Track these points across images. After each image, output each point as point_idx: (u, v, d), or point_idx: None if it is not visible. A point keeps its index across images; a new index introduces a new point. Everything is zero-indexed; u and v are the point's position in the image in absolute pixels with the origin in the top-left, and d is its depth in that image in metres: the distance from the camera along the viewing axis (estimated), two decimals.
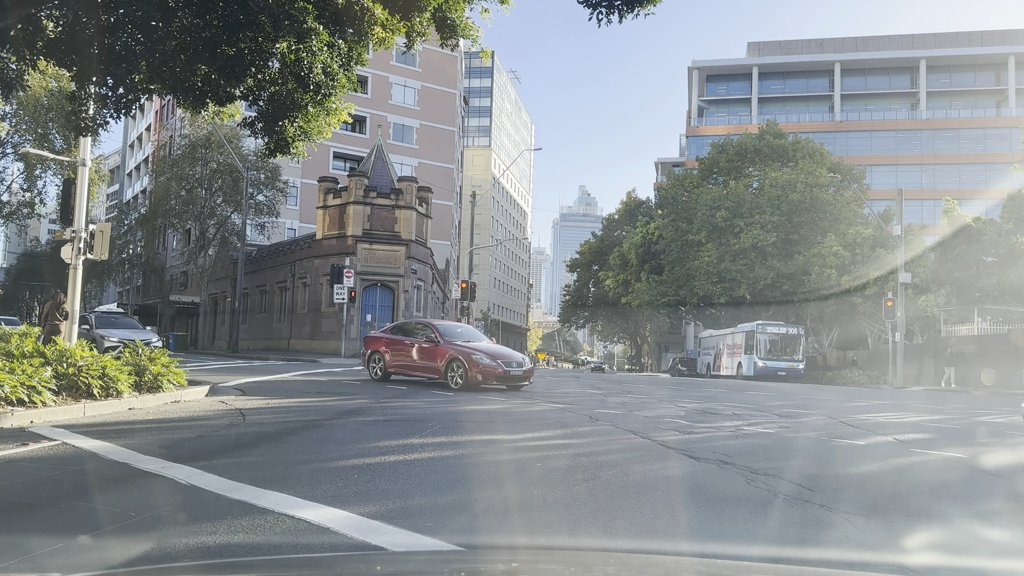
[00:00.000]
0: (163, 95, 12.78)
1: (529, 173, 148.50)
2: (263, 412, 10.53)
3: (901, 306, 32.01)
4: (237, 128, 36.73)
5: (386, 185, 40.14)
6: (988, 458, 8.10)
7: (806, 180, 45.58)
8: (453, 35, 12.42)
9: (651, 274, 51.41)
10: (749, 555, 4.06)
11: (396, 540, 4.02)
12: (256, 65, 10.62)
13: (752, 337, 38.66)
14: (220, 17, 9.93)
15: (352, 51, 12.09)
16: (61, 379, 9.64)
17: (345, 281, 33.47)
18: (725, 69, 78.74)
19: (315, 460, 6.66)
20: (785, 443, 8.75)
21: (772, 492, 5.60)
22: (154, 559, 3.67)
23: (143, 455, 6.46)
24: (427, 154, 63.28)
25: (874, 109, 73.88)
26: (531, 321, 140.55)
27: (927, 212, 63.67)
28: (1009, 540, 4.83)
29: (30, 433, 7.68)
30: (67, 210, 14.41)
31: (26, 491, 5.29)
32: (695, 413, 12.26)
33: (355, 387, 16.17)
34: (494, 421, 10.40)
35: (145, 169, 71.91)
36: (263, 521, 4.35)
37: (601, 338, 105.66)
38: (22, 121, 39.44)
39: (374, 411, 11.12)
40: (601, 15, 9.90)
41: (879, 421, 12.16)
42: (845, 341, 43.41)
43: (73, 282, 14.16)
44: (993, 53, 71.11)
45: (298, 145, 12.01)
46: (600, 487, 5.69)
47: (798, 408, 14.34)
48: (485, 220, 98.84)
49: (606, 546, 4.23)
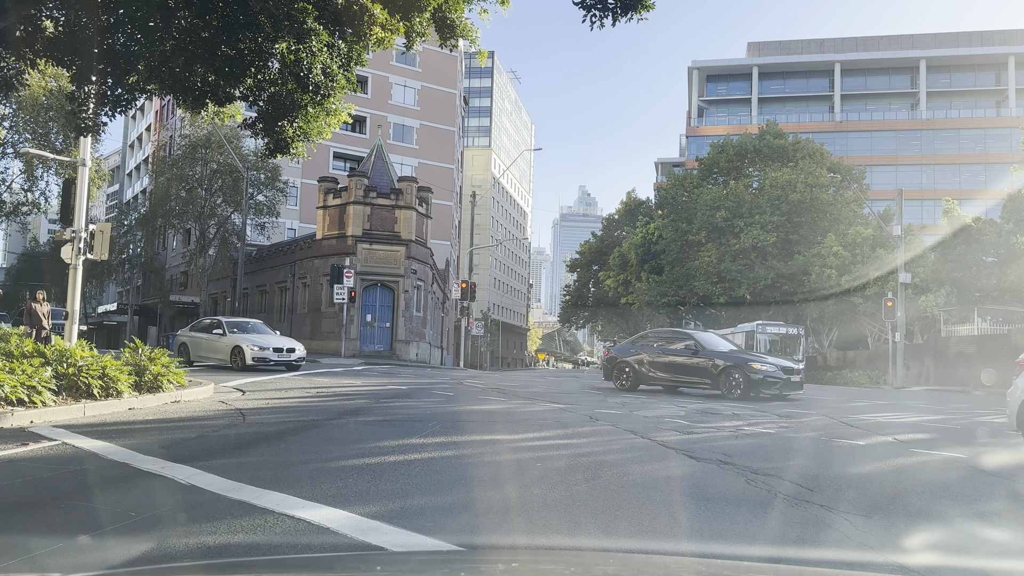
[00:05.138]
0: (163, 95, 12.78)
1: (529, 173, 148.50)
2: (263, 412, 10.53)
3: (901, 306, 32.00)
4: (237, 128, 36.73)
5: (386, 185, 40.14)
6: (988, 458, 8.10)
7: (806, 180, 45.58)
8: (452, 35, 12.43)
9: (651, 274, 51.40)
10: (749, 555, 4.06)
11: (396, 540, 4.02)
12: (256, 65, 10.63)
13: (752, 337, 38.63)
14: (219, 17, 9.93)
15: (352, 51, 12.09)
16: (61, 379, 9.64)
17: (345, 281, 33.48)
18: (725, 69, 78.74)
19: (315, 460, 6.66)
20: (785, 443, 8.75)
21: (772, 492, 5.60)
22: (154, 559, 3.67)
23: (143, 455, 6.46)
24: (427, 154, 63.26)
25: (874, 109, 73.89)
26: (531, 321, 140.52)
27: (927, 212, 63.67)
28: (1009, 540, 4.82)
29: (30, 433, 7.68)
30: (67, 210, 14.41)
31: (26, 491, 5.29)
32: (695, 413, 12.25)
33: (355, 387, 16.17)
34: (494, 421, 10.40)
35: (145, 169, 71.90)
36: (263, 521, 4.35)
37: (601, 338, 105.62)
38: (22, 121, 39.44)
39: (374, 411, 11.12)
40: (595, 17, 9.95)
41: (879, 421, 12.16)
42: (845, 341, 43.40)
43: (73, 282, 14.16)
44: (993, 53, 71.11)
45: (298, 145, 12.02)
46: (600, 487, 5.69)
47: (798, 408, 14.33)
48: (485, 220, 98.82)
49: (606, 546, 4.23)
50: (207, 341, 21.68)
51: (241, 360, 20.20)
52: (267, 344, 20.67)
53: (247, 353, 20.17)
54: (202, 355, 21.75)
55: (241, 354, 20.29)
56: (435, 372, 30.14)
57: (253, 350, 20.19)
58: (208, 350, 21.55)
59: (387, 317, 38.87)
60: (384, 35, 12.29)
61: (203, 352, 21.72)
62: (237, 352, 20.44)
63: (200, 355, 21.75)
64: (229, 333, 21.25)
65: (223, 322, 22.16)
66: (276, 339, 21.73)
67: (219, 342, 21.22)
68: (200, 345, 21.85)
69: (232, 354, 20.56)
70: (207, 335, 21.91)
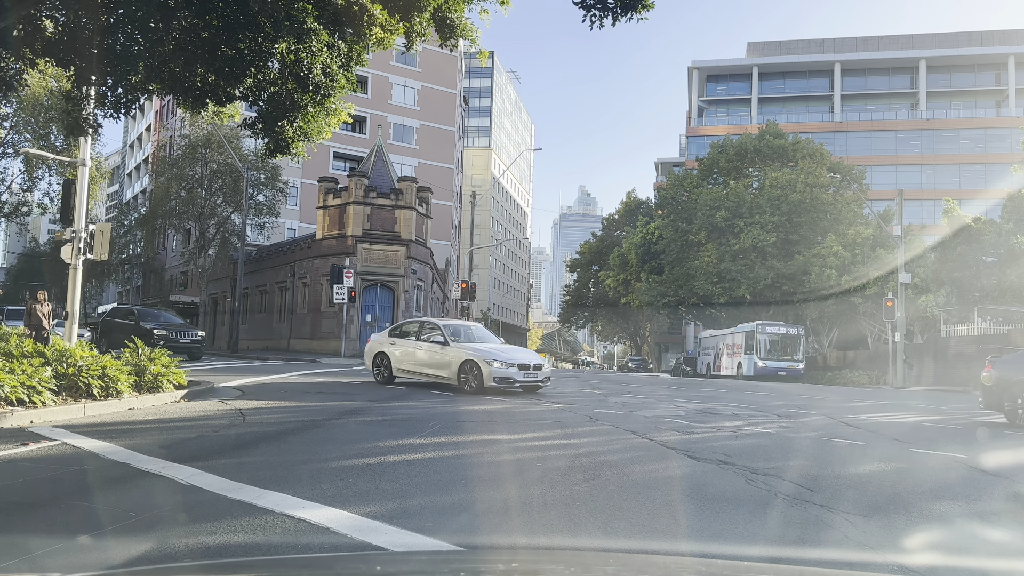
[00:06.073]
0: (162, 95, 12.79)
1: (529, 173, 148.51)
2: (263, 412, 10.53)
3: (901, 306, 32.00)
4: (237, 128, 36.72)
5: (386, 185, 40.15)
6: (988, 458, 8.10)
7: (806, 180, 45.58)
8: (452, 35, 12.43)
9: (651, 274, 51.41)
10: (749, 555, 4.06)
11: (396, 540, 4.02)
12: (256, 65, 10.63)
13: (752, 337, 38.66)
14: (219, 17, 9.93)
15: (352, 51, 12.09)
16: (61, 379, 9.64)
17: (345, 281, 33.48)
18: (725, 69, 78.74)
19: (315, 460, 6.66)
20: (785, 443, 8.75)
21: (772, 492, 5.60)
22: (154, 559, 3.67)
23: (143, 455, 6.46)
24: (427, 154, 63.27)
25: (874, 109, 73.88)
26: (531, 321, 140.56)
27: (927, 212, 63.65)
28: (1009, 540, 4.83)
29: (30, 433, 7.68)
30: (67, 210, 14.41)
31: (26, 491, 5.29)
32: (695, 413, 12.26)
33: (355, 388, 16.17)
34: (494, 421, 10.40)
35: (145, 169, 71.91)
36: (263, 521, 4.35)
37: (601, 338, 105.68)
38: (22, 121, 39.45)
39: (374, 411, 11.12)
40: (595, 17, 9.99)
41: (879, 421, 12.17)
42: (845, 341, 43.39)
43: (73, 282, 14.16)
44: (993, 53, 71.10)
45: (298, 145, 12.02)
46: (600, 487, 5.69)
47: (798, 408, 14.34)
48: (485, 220, 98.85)
49: (606, 546, 4.23)
50: (421, 352, 16.01)
51: (476, 380, 14.67)
52: (511, 358, 15.09)
53: (485, 372, 14.55)
54: (410, 369, 16.34)
55: (476, 372, 14.75)
56: None
57: (493, 367, 14.59)
58: (421, 363, 16.02)
59: (387, 317, 38.85)
60: (384, 35, 12.29)
61: (413, 366, 16.22)
62: (469, 369, 14.93)
63: (406, 369, 16.43)
64: (452, 341, 15.61)
65: (440, 326, 16.41)
66: (516, 350, 16.43)
67: (441, 354, 15.57)
68: (410, 357, 16.26)
69: (461, 371, 15.03)
70: (420, 344, 16.16)
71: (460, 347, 15.38)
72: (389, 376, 16.74)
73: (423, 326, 16.84)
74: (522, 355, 15.81)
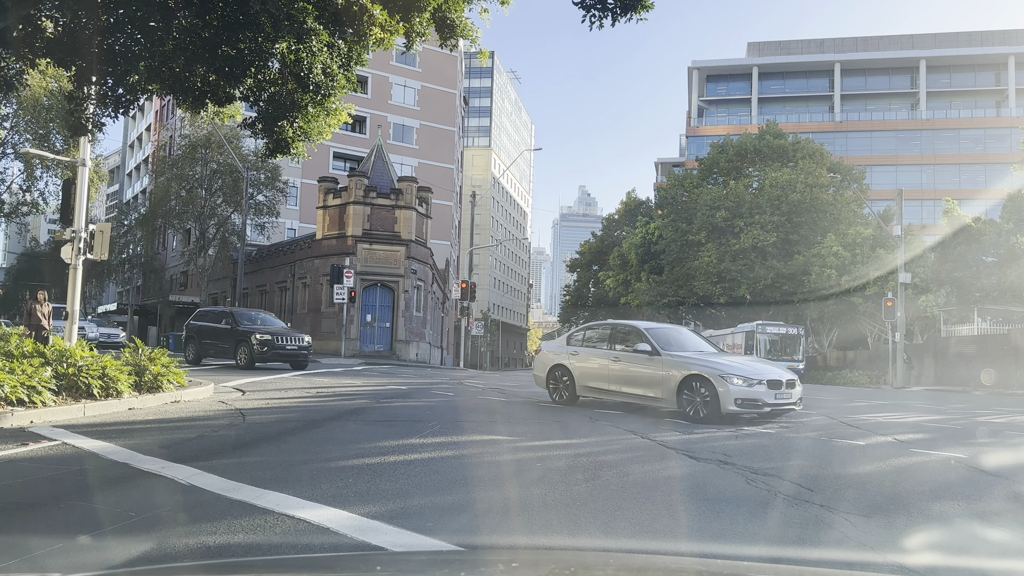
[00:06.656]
0: (163, 95, 12.78)
1: (529, 173, 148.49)
2: (263, 412, 10.53)
3: (901, 306, 32.00)
4: (237, 128, 36.77)
5: (386, 185, 40.15)
6: (988, 458, 8.10)
7: (806, 180, 45.59)
8: (452, 35, 12.43)
9: (651, 274, 51.41)
10: (749, 555, 4.06)
11: (396, 540, 4.02)
12: (256, 65, 10.63)
13: (752, 337, 38.64)
14: (220, 17, 9.93)
15: (352, 51, 12.09)
16: (61, 379, 9.64)
17: (345, 281, 33.49)
18: (725, 69, 78.75)
19: (315, 460, 6.66)
20: (785, 443, 8.75)
21: (772, 492, 5.60)
22: (154, 559, 3.67)
23: (143, 455, 6.46)
24: (427, 154, 63.27)
25: (874, 109, 73.89)
26: (531, 321, 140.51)
27: (927, 212, 63.67)
28: (1009, 540, 4.83)
29: (30, 433, 7.68)
30: (67, 210, 14.40)
31: (26, 491, 5.29)
32: None
33: (355, 388, 16.17)
34: (494, 421, 10.40)
35: (145, 169, 71.91)
36: (263, 521, 4.35)
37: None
38: (22, 121, 39.45)
39: (374, 411, 11.12)
40: (595, 17, 9.99)
41: (879, 421, 12.16)
42: (845, 341, 43.41)
43: (73, 282, 14.15)
44: (993, 53, 71.12)
45: (298, 145, 12.02)
46: (600, 487, 5.69)
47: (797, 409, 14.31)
48: (485, 220, 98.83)
49: (606, 546, 4.23)
50: (618, 365, 12.09)
51: (708, 403, 10.63)
52: (755, 373, 10.87)
53: (722, 392, 10.45)
54: (600, 387, 12.46)
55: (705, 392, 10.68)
56: (435, 372, 30.14)
57: (733, 384, 10.46)
58: (619, 380, 12.10)
59: (387, 317, 38.88)
60: (384, 35, 12.29)
61: (606, 383, 12.33)
62: (696, 387, 10.82)
63: (595, 387, 12.56)
64: (662, 351, 11.53)
65: (642, 330, 12.27)
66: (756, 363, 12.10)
67: (648, 368, 11.56)
68: (602, 371, 12.40)
69: (682, 391, 10.99)
70: (615, 353, 12.30)
71: (676, 357, 11.31)
72: (572, 396, 12.89)
73: (616, 330, 12.87)
74: (767, 369, 11.30)
